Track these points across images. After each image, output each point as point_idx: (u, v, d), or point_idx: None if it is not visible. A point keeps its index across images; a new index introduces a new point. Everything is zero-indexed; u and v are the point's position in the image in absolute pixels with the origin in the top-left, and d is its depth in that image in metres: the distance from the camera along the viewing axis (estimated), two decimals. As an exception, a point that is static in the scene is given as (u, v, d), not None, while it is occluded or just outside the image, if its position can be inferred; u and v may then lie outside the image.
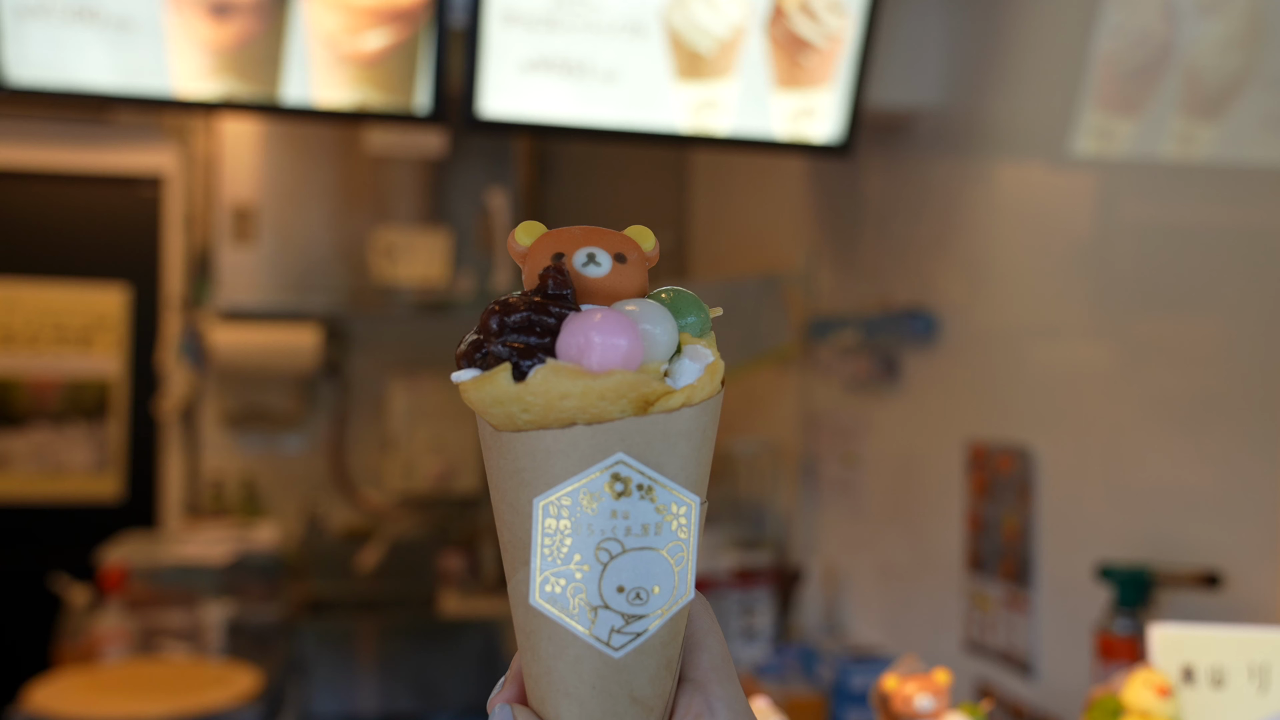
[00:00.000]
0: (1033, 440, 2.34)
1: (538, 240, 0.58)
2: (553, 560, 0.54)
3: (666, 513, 0.54)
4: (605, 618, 0.55)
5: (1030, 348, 2.37)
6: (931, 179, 2.76)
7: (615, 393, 0.52)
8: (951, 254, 2.66)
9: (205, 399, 4.18)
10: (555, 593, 0.55)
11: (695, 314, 0.58)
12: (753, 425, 3.68)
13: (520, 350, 0.53)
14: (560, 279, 0.55)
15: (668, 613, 0.56)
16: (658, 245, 0.61)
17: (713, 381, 0.56)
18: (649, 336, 0.54)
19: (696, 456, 0.56)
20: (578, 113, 2.40)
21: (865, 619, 3.05)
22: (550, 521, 0.54)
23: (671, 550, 0.55)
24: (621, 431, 0.53)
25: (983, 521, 2.50)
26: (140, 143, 4.21)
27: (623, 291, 0.57)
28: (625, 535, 0.54)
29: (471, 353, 0.56)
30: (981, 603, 2.51)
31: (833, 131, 2.56)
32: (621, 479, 0.53)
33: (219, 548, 3.50)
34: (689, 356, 0.56)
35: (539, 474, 0.54)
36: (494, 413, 0.55)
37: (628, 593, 0.55)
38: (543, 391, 0.52)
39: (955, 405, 2.65)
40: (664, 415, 0.54)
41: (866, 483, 3.04)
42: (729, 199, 4.07)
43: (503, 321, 0.54)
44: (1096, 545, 2.13)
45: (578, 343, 0.52)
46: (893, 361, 2.89)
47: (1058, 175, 2.30)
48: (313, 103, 2.31)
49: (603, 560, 0.54)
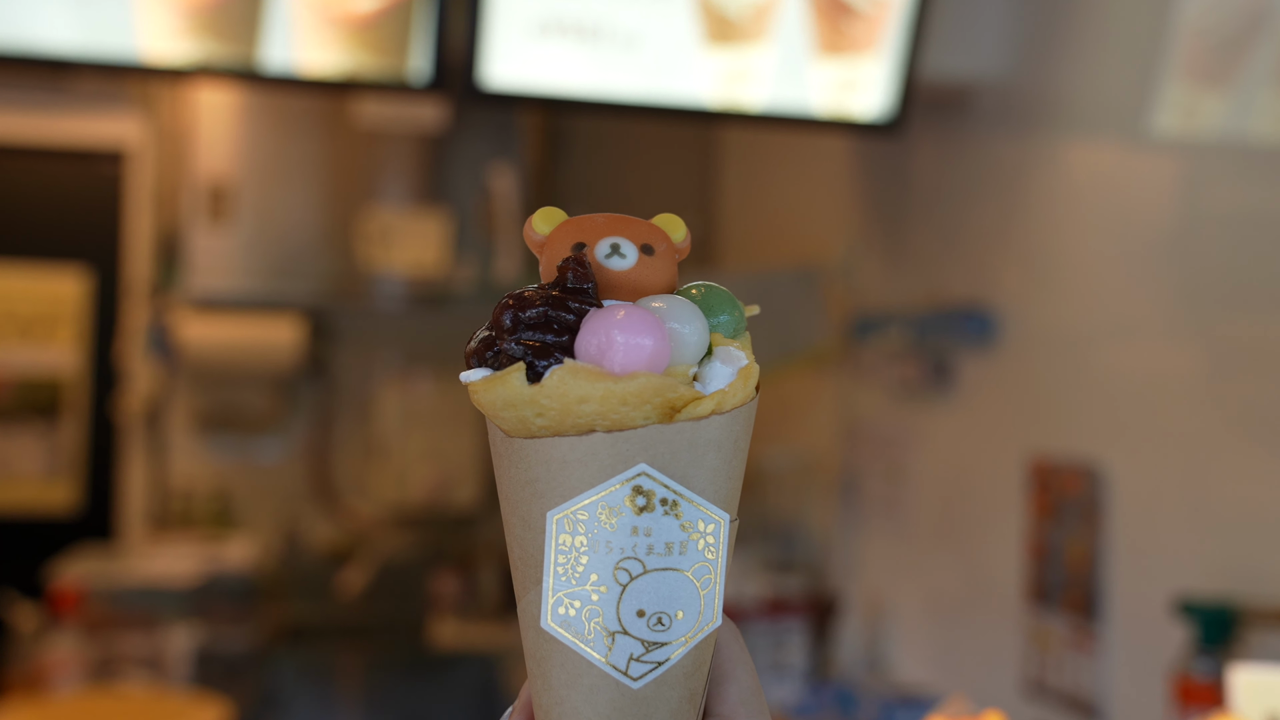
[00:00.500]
0: (1103, 456, 2.33)
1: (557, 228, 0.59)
2: (567, 580, 0.55)
3: (693, 530, 0.55)
4: (623, 644, 0.55)
5: (1101, 351, 2.36)
6: (991, 160, 2.76)
7: (639, 397, 0.53)
8: (1013, 245, 2.65)
9: (172, 399, 4.20)
10: (569, 616, 0.55)
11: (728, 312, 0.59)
12: (786, 435, 3.68)
13: (536, 349, 0.54)
14: (581, 271, 0.56)
15: (692, 640, 0.57)
16: (689, 236, 0.61)
17: (746, 387, 0.56)
18: (677, 336, 0.55)
19: (727, 469, 0.56)
20: (593, 83, 2.41)
21: (911, 655, 3.05)
22: (565, 537, 0.55)
23: (697, 572, 0.56)
24: (645, 440, 0.54)
25: (1045, 547, 2.50)
26: (102, 112, 4.23)
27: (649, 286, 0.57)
28: (647, 554, 0.54)
29: (482, 350, 0.57)
30: (1042, 639, 2.50)
31: (880, 106, 2.56)
32: (644, 492, 0.54)
33: (186, 566, 3.52)
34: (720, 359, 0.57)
35: (553, 485, 0.55)
36: (505, 416, 0.55)
37: (649, 617, 0.55)
38: (559, 395, 0.53)
39: (1015, 416, 2.64)
40: (691, 423, 0.54)
41: (914, 502, 3.04)
42: (762, 181, 4.07)
43: (517, 317, 0.55)
44: (1175, 576, 2.13)
45: (598, 342, 0.53)
46: (944, 365, 2.89)
47: (1135, 156, 2.30)
48: (296, 69, 2.32)
49: (622, 581, 0.55)
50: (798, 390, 3.62)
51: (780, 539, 3.55)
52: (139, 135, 4.23)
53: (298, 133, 4.03)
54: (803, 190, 3.74)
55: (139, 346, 4.10)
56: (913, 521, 3.05)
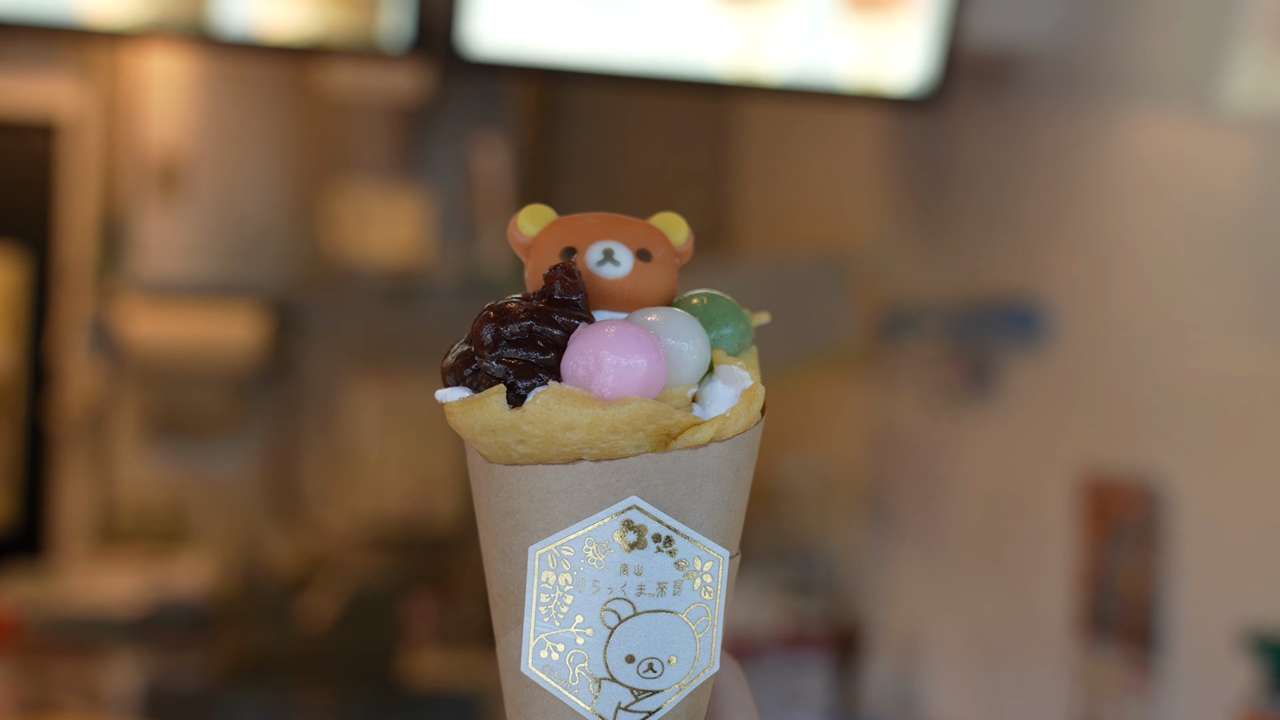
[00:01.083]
0: (1166, 471, 2.34)
1: (545, 230, 0.60)
2: (550, 621, 0.56)
3: (688, 569, 0.56)
4: (611, 692, 0.56)
5: (1165, 353, 2.37)
6: (1042, 137, 2.76)
7: (630, 425, 0.54)
8: (1065, 233, 2.66)
9: (117, 400, 4.21)
10: (552, 660, 0.56)
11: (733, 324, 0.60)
12: (805, 446, 3.68)
13: (518, 368, 0.55)
14: (570, 282, 0.56)
15: (686, 687, 0.58)
16: (691, 237, 0.62)
17: (750, 411, 0.57)
18: (675, 354, 0.56)
19: (727, 501, 0.57)
20: (591, 50, 2.41)
21: (946, 692, 3.05)
22: (548, 574, 0.56)
23: (693, 614, 0.57)
24: (636, 471, 0.55)
25: (1098, 573, 2.50)
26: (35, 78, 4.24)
27: (645, 296, 0.58)
28: (638, 595, 0.56)
29: (460, 367, 0.57)
30: (1094, 675, 2.51)
31: (916, 77, 2.56)
32: (635, 527, 0.55)
33: (132, 589, 3.53)
34: (722, 378, 0.58)
35: (536, 517, 0.56)
36: (485, 442, 0.56)
37: (639, 663, 0.56)
38: (542, 421, 0.54)
39: (1066, 425, 2.65)
40: (688, 452, 0.55)
41: (951, 521, 3.05)
42: (783, 160, 4.07)
43: (498, 332, 0.56)
44: (1245, 606, 2.13)
45: (586, 363, 0.54)
46: (986, 368, 2.89)
47: (1205, 132, 2.30)
48: (255, 33, 2.33)
49: (610, 624, 0.56)
50: (820, 395, 3.62)
51: (799, 560, 3.55)
52: (75, 104, 4.23)
53: (260, 102, 4.04)
54: (829, 170, 3.74)
55: (77, 341, 4.11)
56: (949, 543, 3.06)
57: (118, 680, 3.26)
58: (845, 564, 3.47)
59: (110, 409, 4.21)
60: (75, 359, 4.11)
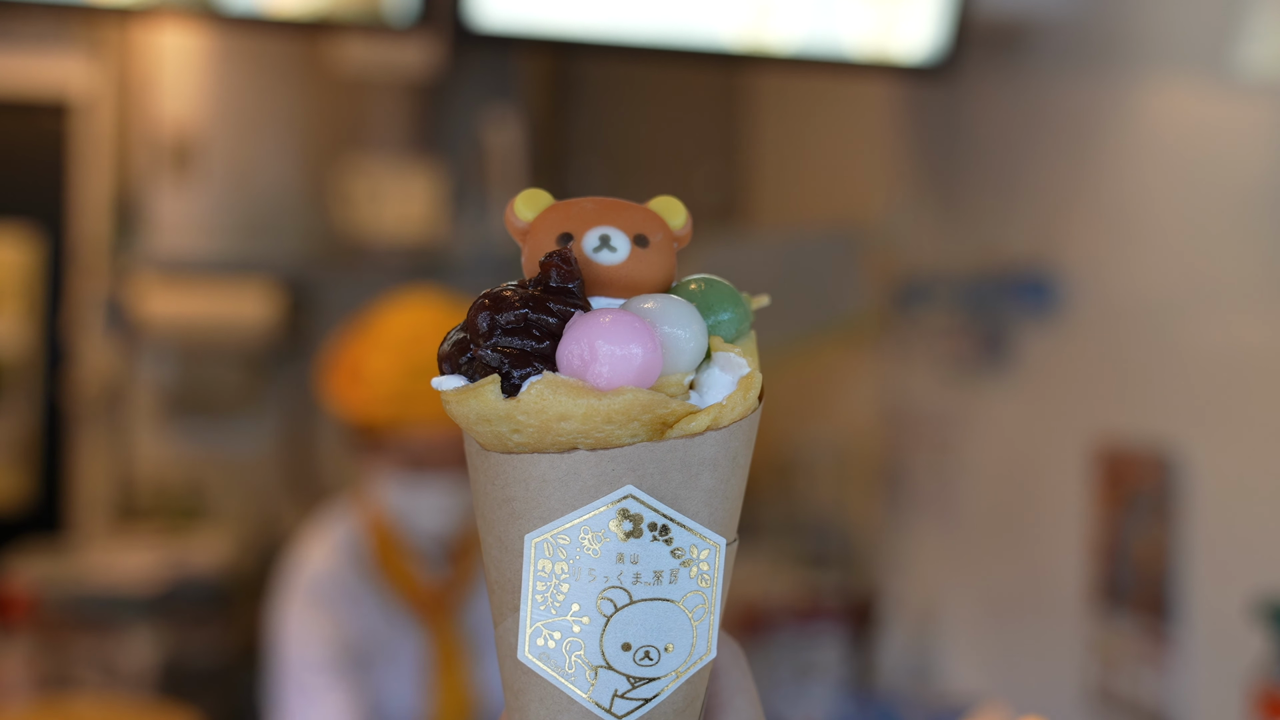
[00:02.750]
0: (1182, 442, 2.33)
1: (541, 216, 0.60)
2: (546, 609, 0.56)
3: (684, 557, 0.56)
4: (608, 680, 0.57)
5: (1182, 322, 2.36)
6: (1056, 106, 2.74)
7: (625, 415, 0.54)
8: (1081, 202, 2.64)
9: (132, 378, 4.22)
10: (549, 648, 0.57)
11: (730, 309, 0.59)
12: (819, 418, 3.68)
13: (513, 357, 0.55)
14: (566, 269, 0.56)
15: (683, 675, 0.58)
16: (689, 221, 0.62)
17: (746, 399, 0.57)
18: (671, 342, 0.56)
19: (723, 490, 0.57)
20: (601, 22, 2.40)
21: (961, 662, 3.06)
22: (544, 563, 0.56)
23: (690, 602, 0.57)
24: (632, 460, 0.55)
25: (1113, 543, 2.50)
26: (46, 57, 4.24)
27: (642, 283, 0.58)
28: (634, 583, 0.56)
29: (456, 355, 0.57)
30: (1108, 645, 2.51)
31: (928, 46, 2.55)
32: (631, 516, 0.55)
33: (149, 566, 3.54)
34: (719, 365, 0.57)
35: (532, 506, 0.56)
36: (480, 430, 0.56)
37: (635, 651, 0.56)
38: (537, 410, 0.54)
39: (1081, 395, 2.64)
40: (684, 440, 0.55)
41: (965, 493, 3.04)
42: (796, 131, 4.06)
43: (494, 320, 0.56)
44: (1261, 575, 2.13)
45: (581, 352, 0.54)
46: (1001, 338, 2.88)
47: (1223, 99, 2.28)
48: (262, 9, 2.32)
49: (606, 612, 0.56)
50: (834, 367, 3.62)
51: (813, 533, 3.55)
52: (87, 82, 4.23)
53: (272, 79, 4.03)
54: (841, 142, 3.73)
55: (92, 320, 4.12)
56: (964, 514, 3.05)
57: (135, 656, 3.28)
58: (860, 536, 3.47)
59: (127, 387, 4.23)
60: (90, 337, 4.12)
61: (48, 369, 4.32)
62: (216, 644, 3.52)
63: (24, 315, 4.32)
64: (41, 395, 4.33)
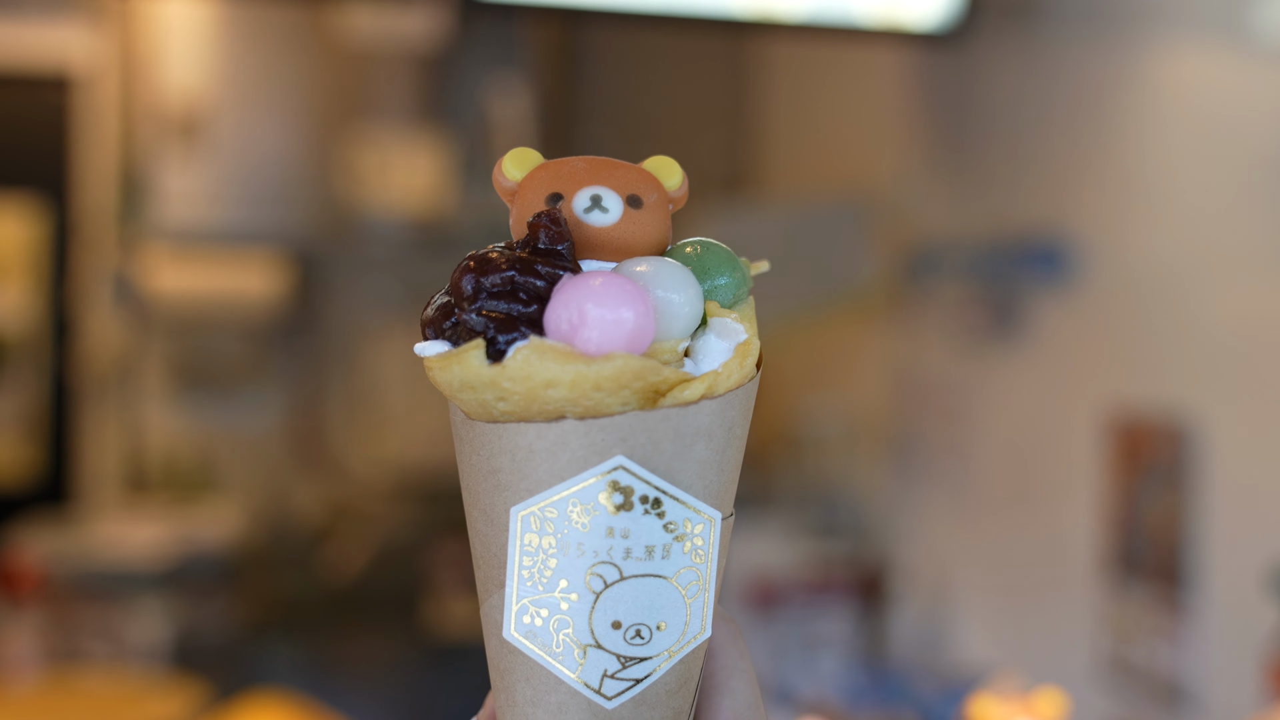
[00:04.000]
0: (1197, 411, 2.31)
1: (530, 175, 0.58)
2: (533, 585, 0.54)
3: (677, 532, 0.54)
4: (597, 659, 0.55)
5: (1197, 290, 2.34)
6: (1069, 72, 2.72)
7: (614, 382, 0.52)
8: (1093, 170, 2.62)
9: (141, 351, 4.22)
10: (535, 625, 0.55)
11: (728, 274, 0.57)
12: (830, 389, 3.67)
13: (498, 322, 0.53)
14: (555, 230, 0.54)
15: (676, 654, 0.56)
16: (685, 181, 0.60)
17: (743, 366, 0.55)
18: (665, 307, 0.54)
19: (719, 461, 0.55)
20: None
21: (973, 633, 3.05)
22: (531, 537, 0.54)
23: (683, 578, 0.55)
24: (623, 429, 0.53)
25: (1127, 512, 2.49)
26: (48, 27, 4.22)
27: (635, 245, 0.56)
28: (624, 559, 0.54)
29: (439, 319, 0.55)
30: (1122, 614, 2.50)
31: (939, 13, 2.52)
32: (621, 489, 0.53)
33: (159, 539, 3.54)
34: (715, 332, 0.55)
35: (518, 477, 0.54)
36: (465, 399, 0.54)
37: (626, 630, 0.54)
38: (523, 377, 0.52)
39: (1094, 364, 2.62)
40: (678, 410, 0.53)
41: (977, 463, 3.03)
42: (805, 99, 4.04)
43: (479, 283, 0.54)
44: (1277, 545, 2.11)
45: (569, 316, 0.52)
46: (1013, 308, 2.87)
47: (1239, 65, 2.26)
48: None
49: (595, 589, 0.54)
50: (844, 338, 3.60)
51: (824, 504, 3.55)
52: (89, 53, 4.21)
53: (279, 50, 4.01)
54: (852, 111, 3.71)
55: (98, 293, 4.11)
56: (975, 485, 3.04)
57: (144, 630, 3.28)
58: (871, 507, 3.46)
59: (136, 360, 4.22)
60: (97, 310, 4.12)
61: (55, 342, 4.32)
62: (225, 617, 3.52)
63: (31, 289, 4.32)
64: (49, 369, 4.33)
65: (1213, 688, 2.28)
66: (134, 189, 4.06)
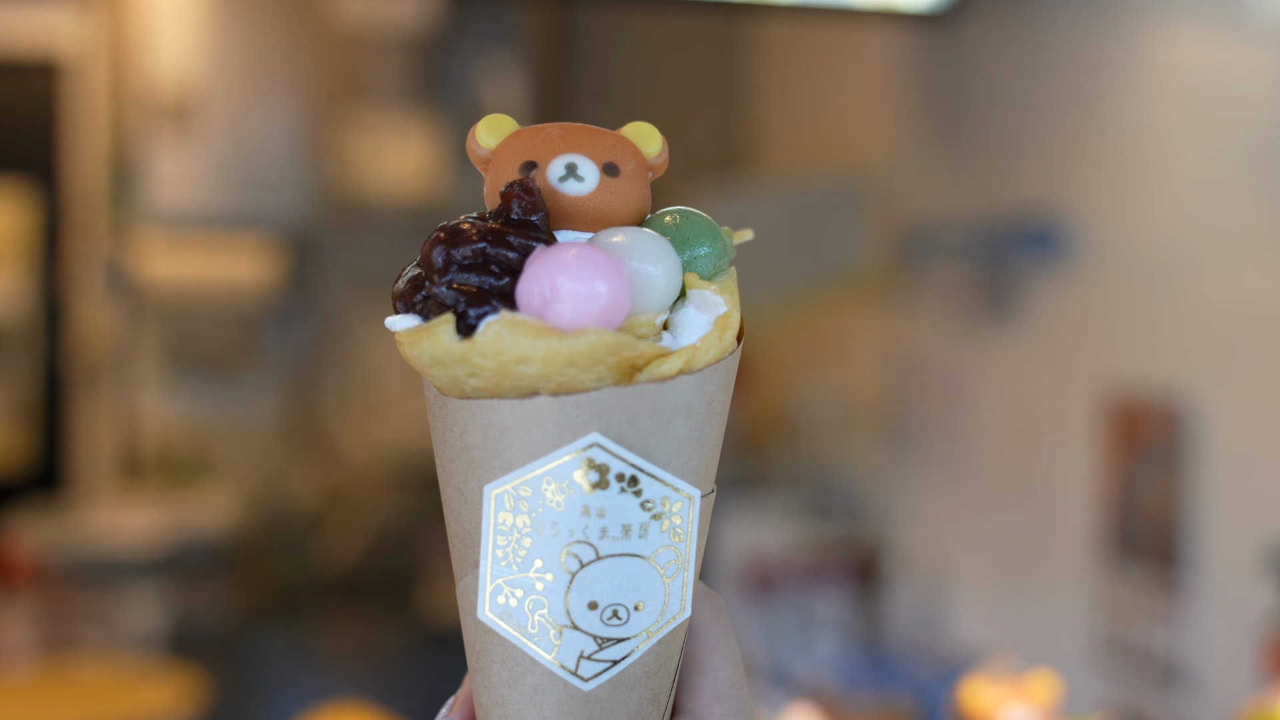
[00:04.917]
0: (1192, 391, 2.30)
1: (504, 142, 0.56)
2: (508, 565, 0.53)
3: (655, 510, 0.53)
4: (573, 640, 0.53)
5: (1191, 271, 2.33)
6: (1064, 52, 2.71)
7: (588, 357, 0.50)
8: (1088, 150, 2.61)
9: (132, 337, 4.20)
10: (510, 606, 0.53)
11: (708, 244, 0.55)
12: (825, 370, 3.66)
13: (469, 295, 0.51)
14: (528, 200, 0.53)
15: (655, 635, 0.55)
16: (665, 148, 0.58)
17: (722, 340, 0.53)
18: (641, 279, 0.52)
19: (698, 438, 0.53)
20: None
21: (969, 614, 3.04)
22: (505, 515, 0.52)
23: (661, 557, 0.53)
24: (598, 405, 0.51)
25: (1122, 492, 2.48)
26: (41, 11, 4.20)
27: (612, 215, 0.54)
28: (600, 538, 0.52)
29: (410, 293, 0.54)
30: (1119, 594, 2.49)
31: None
32: (597, 466, 0.51)
33: (153, 526, 3.53)
34: (694, 304, 0.54)
35: (492, 455, 0.52)
36: (436, 374, 0.53)
37: (602, 610, 0.53)
38: (494, 353, 0.50)
39: (1089, 344, 2.61)
40: (654, 385, 0.52)
41: (973, 444, 3.03)
42: (800, 80, 4.02)
43: (449, 255, 0.52)
44: (1272, 525, 2.11)
45: (542, 289, 0.50)
46: (1007, 288, 2.86)
47: (1236, 44, 2.25)
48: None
49: (571, 568, 0.53)
50: (839, 319, 3.59)
51: (819, 486, 3.54)
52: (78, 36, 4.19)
53: (271, 34, 4.00)
54: (846, 91, 3.69)
55: (90, 279, 4.10)
56: (971, 466, 3.03)
57: (139, 617, 3.27)
58: (866, 489, 3.46)
59: (129, 346, 4.21)
60: (89, 296, 4.10)
61: (47, 329, 4.30)
62: (220, 604, 3.51)
63: (22, 275, 4.30)
64: (42, 355, 4.31)
65: (1209, 668, 2.27)
66: (125, 174, 4.04)
